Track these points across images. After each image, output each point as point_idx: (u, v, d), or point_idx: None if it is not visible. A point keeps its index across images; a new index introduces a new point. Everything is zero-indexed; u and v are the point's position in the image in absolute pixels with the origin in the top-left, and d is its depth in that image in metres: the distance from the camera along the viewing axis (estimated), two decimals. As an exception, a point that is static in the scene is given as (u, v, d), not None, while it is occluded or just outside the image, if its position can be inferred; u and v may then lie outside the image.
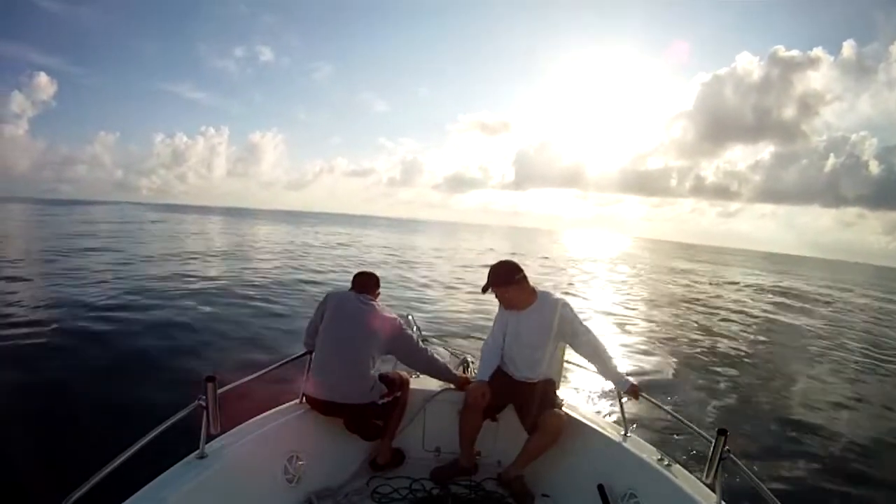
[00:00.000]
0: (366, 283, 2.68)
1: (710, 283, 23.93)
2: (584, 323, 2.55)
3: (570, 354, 2.73)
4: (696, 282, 24.55)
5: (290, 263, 16.88)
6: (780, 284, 27.52)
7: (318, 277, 13.82)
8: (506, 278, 2.54)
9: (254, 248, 23.36)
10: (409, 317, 5.22)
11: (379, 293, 2.73)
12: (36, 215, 44.87)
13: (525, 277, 2.56)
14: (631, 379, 2.50)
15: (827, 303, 20.91)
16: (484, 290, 2.59)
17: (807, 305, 18.83)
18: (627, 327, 10.41)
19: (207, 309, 8.44)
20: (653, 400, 2.43)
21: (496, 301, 2.61)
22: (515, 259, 2.82)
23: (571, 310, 2.54)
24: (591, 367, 2.57)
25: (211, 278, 11.99)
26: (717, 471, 1.68)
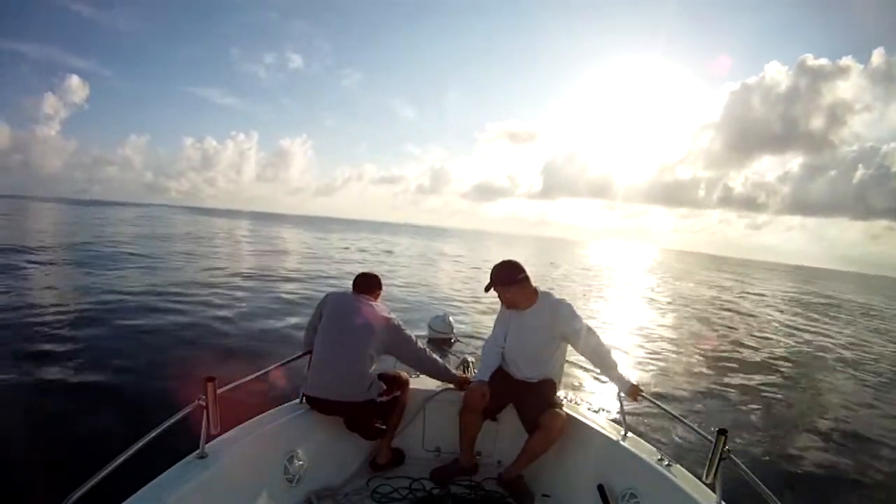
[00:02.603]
0: (367, 284, 2.69)
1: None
2: (586, 323, 2.54)
3: (570, 354, 2.73)
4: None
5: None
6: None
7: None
8: (508, 278, 2.54)
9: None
10: (448, 316, 5.20)
11: (380, 294, 2.73)
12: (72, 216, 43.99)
13: (527, 277, 2.56)
14: (631, 379, 2.50)
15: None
16: (486, 289, 2.59)
17: (811, 313, 18.89)
18: (630, 329, 10.40)
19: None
20: (653, 400, 2.43)
21: None
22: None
23: (573, 310, 2.53)
24: (592, 367, 2.56)
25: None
26: (717, 471, 1.67)
